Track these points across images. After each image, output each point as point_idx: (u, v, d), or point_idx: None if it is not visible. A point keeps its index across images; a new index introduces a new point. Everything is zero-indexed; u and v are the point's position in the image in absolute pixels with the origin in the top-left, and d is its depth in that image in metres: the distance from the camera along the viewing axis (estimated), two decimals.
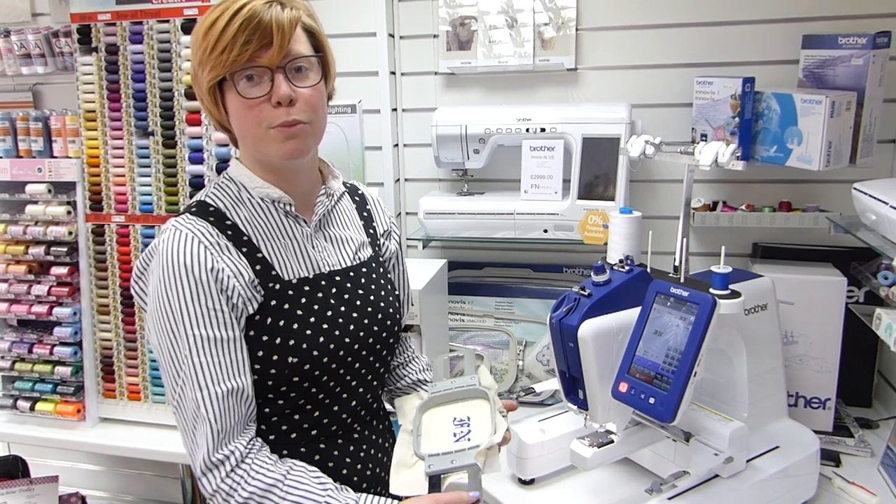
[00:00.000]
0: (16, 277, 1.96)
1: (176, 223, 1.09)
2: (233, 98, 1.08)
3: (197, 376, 1.03)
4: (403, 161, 2.18)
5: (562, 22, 1.97)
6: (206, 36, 1.05)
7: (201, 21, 1.08)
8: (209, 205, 1.13)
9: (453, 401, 1.27)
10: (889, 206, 1.37)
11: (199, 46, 1.07)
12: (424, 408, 1.26)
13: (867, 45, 1.62)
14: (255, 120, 1.07)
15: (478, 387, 1.26)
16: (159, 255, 1.06)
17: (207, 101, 1.12)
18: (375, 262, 1.27)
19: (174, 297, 1.04)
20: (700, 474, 1.33)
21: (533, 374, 2.02)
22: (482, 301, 2.07)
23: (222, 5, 1.06)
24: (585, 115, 1.85)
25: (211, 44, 1.04)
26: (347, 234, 1.25)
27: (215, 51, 1.04)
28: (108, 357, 1.96)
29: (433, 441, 1.17)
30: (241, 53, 1.03)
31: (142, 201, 1.88)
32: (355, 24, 2.05)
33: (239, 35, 1.03)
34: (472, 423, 1.20)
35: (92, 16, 1.85)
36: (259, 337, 1.08)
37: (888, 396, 1.86)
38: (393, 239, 1.37)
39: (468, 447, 1.13)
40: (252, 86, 1.06)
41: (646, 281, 1.24)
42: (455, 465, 1.09)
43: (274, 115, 1.07)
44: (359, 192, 1.35)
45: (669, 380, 1.12)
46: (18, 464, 2.04)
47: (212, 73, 1.06)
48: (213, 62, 1.05)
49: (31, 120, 1.98)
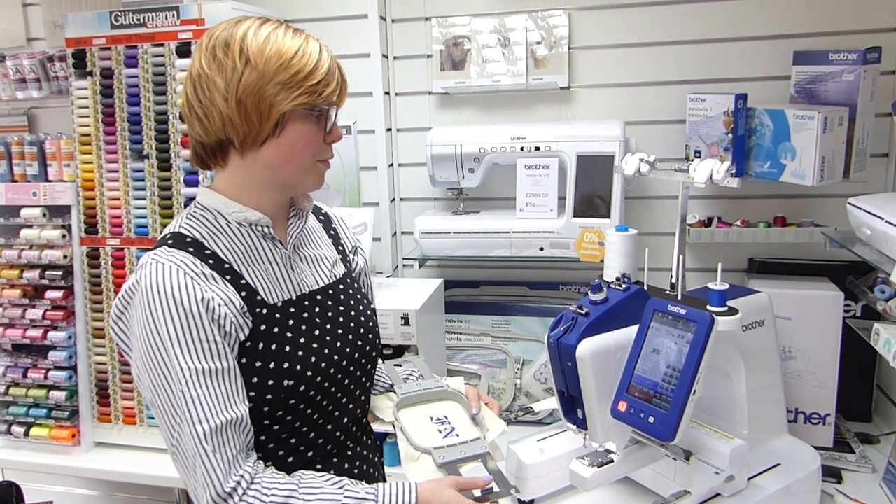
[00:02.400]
0: (10, 301, 1.95)
1: (155, 256, 1.06)
2: (300, 127, 1.08)
3: (195, 411, 1.01)
4: (399, 181, 2.18)
5: (554, 41, 1.98)
6: (296, 58, 1.06)
7: (263, 37, 1.07)
8: (185, 235, 1.10)
9: (424, 401, 1.33)
10: (884, 221, 1.38)
11: (281, 67, 1.05)
12: (398, 406, 1.30)
13: (858, 61, 1.63)
14: (311, 152, 1.11)
15: (447, 389, 1.33)
16: (142, 291, 1.03)
17: (261, 120, 1.06)
18: (350, 278, 1.28)
19: (164, 332, 1.01)
20: (701, 493, 1.32)
21: (531, 393, 2.01)
22: (479, 320, 2.07)
23: (296, 40, 1.08)
24: (579, 133, 1.86)
25: (306, 70, 1.06)
26: (321, 252, 1.26)
27: (311, 78, 1.06)
28: (103, 381, 1.95)
29: (423, 437, 1.23)
30: (334, 91, 1.09)
31: (137, 224, 1.88)
32: (349, 45, 2.06)
33: (334, 72, 1.09)
34: (452, 422, 1.27)
35: (87, 40, 1.86)
36: (252, 364, 1.07)
37: (888, 411, 1.85)
38: (360, 255, 1.38)
39: (471, 438, 1.20)
40: (327, 121, 1.12)
41: (643, 299, 1.24)
42: (467, 454, 1.16)
43: (325, 150, 1.14)
44: (322, 211, 1.36)
45: (668, 398, 1.12)
46: (13, 490, 2.01)
47: (300, 98, 1.06)
48: (307, 89, 1.06)
49: (25, 144, 1.99)
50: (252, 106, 1.05)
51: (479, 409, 1.30)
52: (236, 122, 1.06)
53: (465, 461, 1.16)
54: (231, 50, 1.06)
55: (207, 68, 1.07)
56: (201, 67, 1.08)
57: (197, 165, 1.17)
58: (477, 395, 1.35)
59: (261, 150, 1.09)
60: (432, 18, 2.06)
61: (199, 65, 1.08)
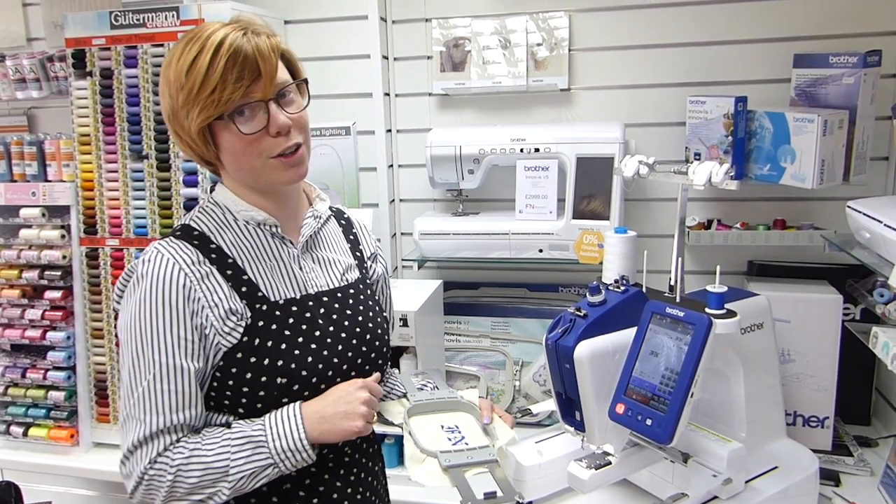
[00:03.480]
0: (9, 302, 1.95)
1: (159, 246, 1.08)
2: (227, 135, 1.07)
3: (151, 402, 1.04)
4: (398, 182, 2.18)
5: (555, 42, 1.98)
6: (188, 76, 1.02)
7: (175, 60, 1.05)
8: (193, 228, 1.13)
9: (437, 411, 1.31)
10: (883, 224, 1.38)
11: (180, 88, 1.04)
12: (410, 413, 1.29)
13: (858, 64, 1.63)
14: (255, 153, 1.08)
15: (460, 400, 1.32)
16: (138, 277, 1.06)
17: (195, 141, 1.08)
18: (363, 284, 1.27)
19: (147, 321, 1.04)
20: (699, 496, 1.31)
21: (530, 395, 2.00)
22: (478, 321, 2.06)
23: (196, 41, 1.03)
24: (579, 134, 1.86)
25: (197, 84, 1.02)
26: (335, 256, 1.25)
27: (203, 91, 1.02)
28: (101, 381, 1.95)
29: (431, 442, 1.21)
30: (235, 91, 1.02)
31: (136, 224, 1.88)
32: (349, 46, 2.06)
33: (228, 73, 1.01)
34: (462, 431, 1.25)
35: (86, 40, 1.86)
36: (247, 359, 1.08)
37: (887, 414, 1.85)
38: (379, 262, 1.37)
39: (479, 446, 1.19)
40: (248, 120, 1.06)
41: (641, 301, 1.24)
42: (473, 460, 1.15)
43: (274, 145, 1.08)
44: (344, 216, 1.35)
45: (666, 401, 1.11)
46: (11, 490, 2.00)
47: (203, 114, 1.04)
48: (204, 103, 1.03)
49: (25, 144, 1.99)
50: (181, 131, 1.09)
51: (492, 419, 1.29)
52: (185, 147, 1.12)
53: (471, 466, 1.15)
54: (160, 79, 1.11)
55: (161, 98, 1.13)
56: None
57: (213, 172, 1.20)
58: (490, 406, 1.32)
59: (223, 165, 1.13)
60: (433, 20, 2.06)
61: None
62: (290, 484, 1.13)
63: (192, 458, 1.03)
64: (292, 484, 1.13)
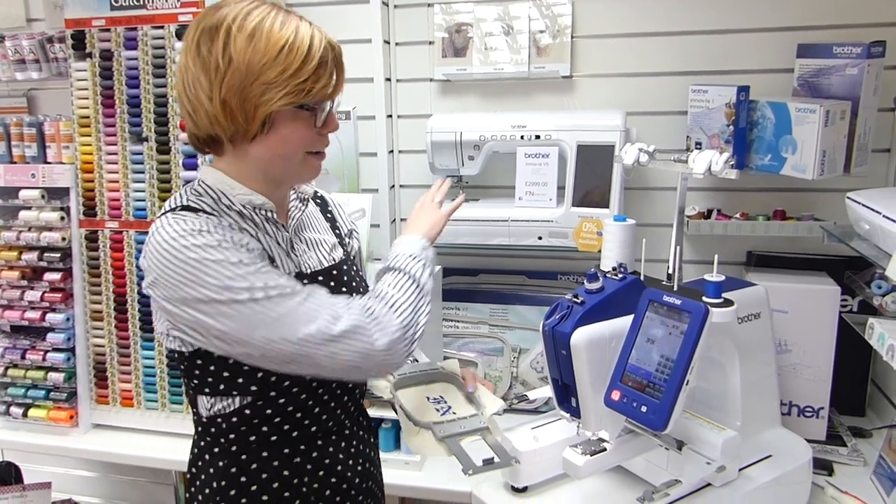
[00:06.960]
0: (9, 283, 1.95)
1: (170, 214, 1.05)
2: (291, 124, 1.06)
3: (315, 305, 1.03)
4: (398, 167, 2.18)
5: (557, 29, 1.97)
6: (280, 58, 1.01)
7: (261, 36, 1.01)
8: (196, 208, 1.09)
9: (421, 383, 1.36)
10: (882, 215, 1.37)
11: (265, 66, 1.01)
12: (396, 387, 1.33)
13: (862, 55, 1.62)
14: (303, 146, 1.10)
15: (442, 370, 1.37)
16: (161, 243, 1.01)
17: (247, 120, 1.04)
18: (348, 261, 1.29)
19: (232, 267, 0.99)
20: (692, 483, 1.32)
21: (527, 382, 2.01)
22: (477, 308, 2.07)
23: (285, 30, 1.02)
24: (580, 122, 1.85)
25: (292, 69, 1.01)
26: (319, 236, 1.27)
27: (298, 76, 1.02)
28: (101, 363, 1.96)
29: (422, 415, 1.27)
30: (326, 86, 1.05)
31: (135, 207, 1.88)
32: (350, 30, 2.05)
33: (323, 68, 1.04)
34: (448, 402, 1.31)
35: (86, 21, 1.85)
36: None
37: (881, 406, 1.85)
38: (355, 238, 1.39)
39: (468, 415, 1.25)
40: (320, 115, 1.09)
41: (639, 289, 1.24)
42: (466, 429, 1.21)
43: (319, 142, 1.12)
44: (318, 194, 1.37)
45: (661, 388, 1.12)
46: (11, 470, 2.03)
47: (287, 98, 1.02)
48: (294, 88, 1.02)
49: (24, 125, 1.98)
50: (237, 106, 1.03)
51: (476, 387, 1.32)
52: (222, 121, 1.05)
53: (464, 435, 1.18)
54: (215, 45, 1.02)
55: (193, 64, 1.04)
56: (187, 63, 1.05)
57: (195, 150, 1.16)
58: (472, 375, 1.37)
59: (251, 146, 1.08)
60: (435, 4, 2.05)
61: (185, 59, 1.05)
62: (299, 458, 1.16)
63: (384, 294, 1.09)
64: (301, 457, 1.16)
